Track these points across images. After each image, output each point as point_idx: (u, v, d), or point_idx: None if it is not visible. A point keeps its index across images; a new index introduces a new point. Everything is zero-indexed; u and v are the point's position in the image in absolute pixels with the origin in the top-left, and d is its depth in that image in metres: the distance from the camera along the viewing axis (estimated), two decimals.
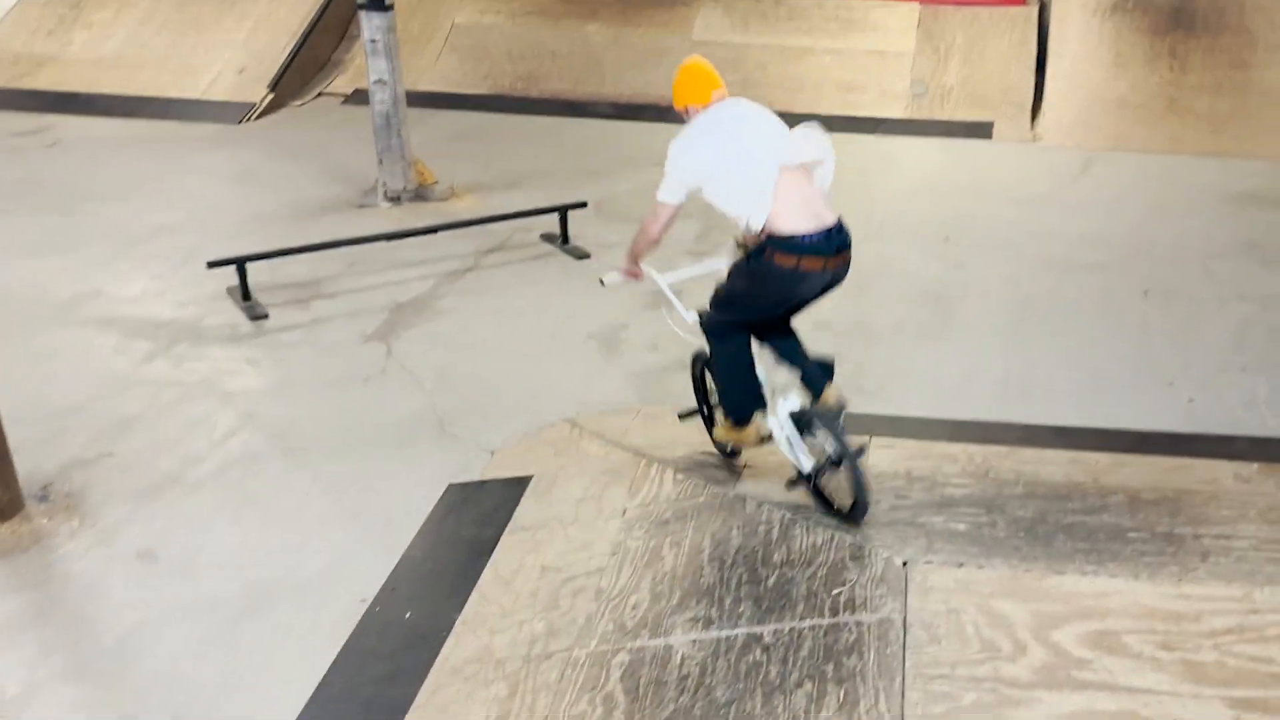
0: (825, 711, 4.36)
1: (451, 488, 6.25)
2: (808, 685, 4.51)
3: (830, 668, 4.58)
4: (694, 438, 6.50)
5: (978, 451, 6.24)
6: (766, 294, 5.21)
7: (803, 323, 6.03)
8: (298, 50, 13.61)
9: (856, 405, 6.91)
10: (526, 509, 5.95)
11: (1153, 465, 6.13)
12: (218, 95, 13.13)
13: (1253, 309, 8.39)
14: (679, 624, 4.97)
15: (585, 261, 9.21)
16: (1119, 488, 5.83)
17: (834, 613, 4.88)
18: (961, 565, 5.11)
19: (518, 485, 6.17)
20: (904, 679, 4.47)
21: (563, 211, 9.50)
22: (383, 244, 9.17)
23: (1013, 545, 5.30)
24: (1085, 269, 9.12)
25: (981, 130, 12.33)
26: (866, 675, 4.52)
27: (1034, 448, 6.31)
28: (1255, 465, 5.87)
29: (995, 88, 12.90)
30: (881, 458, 6.19)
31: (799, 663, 4.63)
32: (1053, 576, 5.03)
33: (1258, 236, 9.71)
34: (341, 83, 13.78)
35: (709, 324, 5.56)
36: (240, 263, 8.47)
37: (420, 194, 10.54)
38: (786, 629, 4.84)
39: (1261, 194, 10.68)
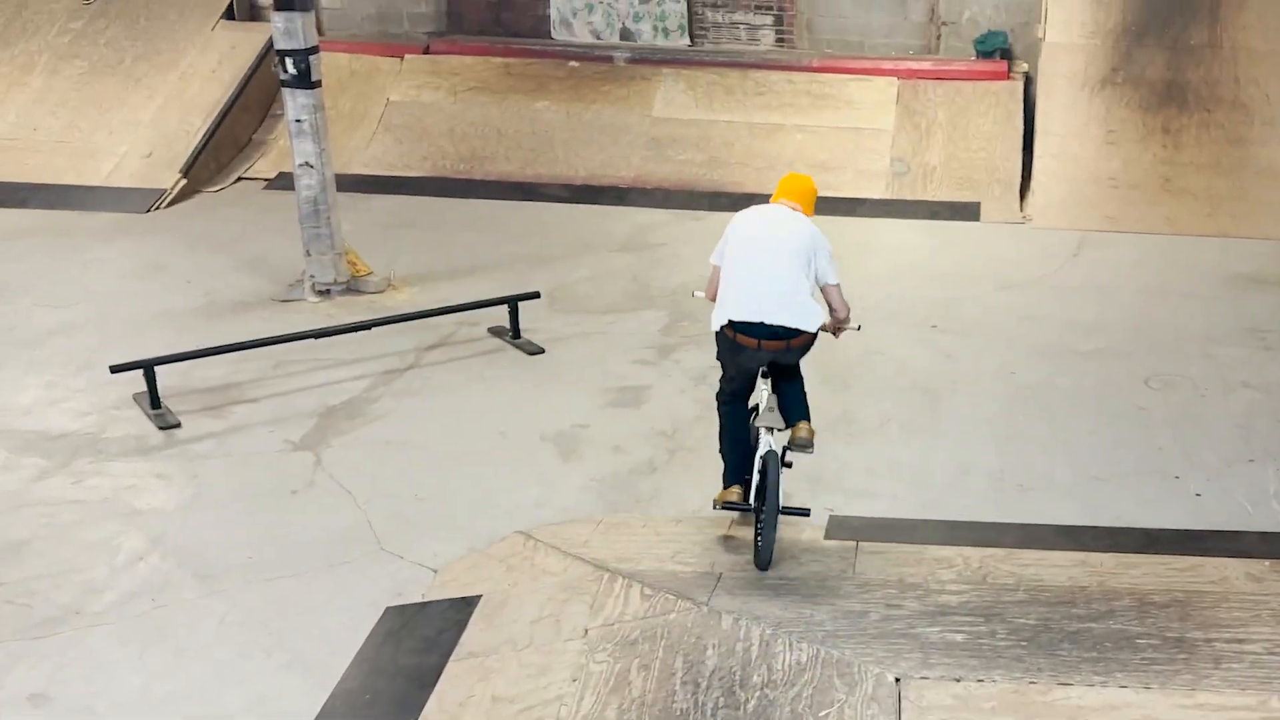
0: None
1: (390, 611, 6.33)
2: None
3: None
4: (663, 548, 6.64)
5: (974, 555, 6.42)
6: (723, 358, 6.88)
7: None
8: (213, 131, 13.83)
9: (842, 508, 7.13)
10: (474, 633, 6.04)
11: (1160, 565, 6.35)
12: (122, 181, 13.29)
13: (1258, 396, 8.69)
14: None
15: (539, 357, 9.40)
16: (1126, 591, 6.02)
17: None
18: (960, 680, 5.27)
19: (464, 606, 6.27)
20: None
21: (513, 303, 9.70)
22: (311, 342, 9.31)
23: (1014, 656, 5.46)
24: (1081, 356, 9.40)
25: (968, 211, 12.72)
26: None
27: (1034, 549, 6.51)
28: (1266, 563, 6.09)
29: (981, 166, 13.30)
30: (870, 564, 6.36)
31: None
32: (1058, 689, 5.19)
33: (1261, 320, 10.06)
34: (263, 166, 13.99)
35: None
36: (148, 366, 8.55)
37: (353, 287, 10.70)
38: None
39: (1263, 275, 11.08)
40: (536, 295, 9.91)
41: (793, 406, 6.68)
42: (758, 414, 6.66)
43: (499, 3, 15.61)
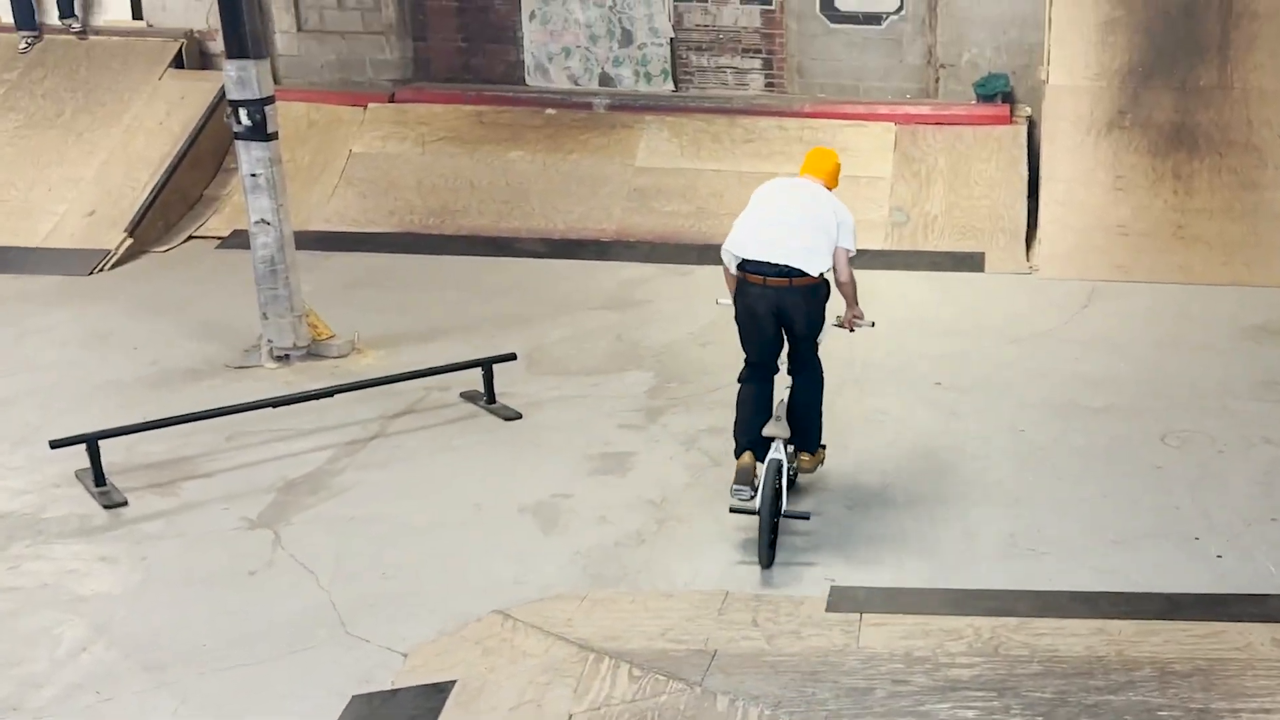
0: None
1: (356, 700, 6.36)
2: None
3: None
4: (652, 624, 6.73)
5: (985, 625, 6.52)
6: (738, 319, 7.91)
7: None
8: (161, 187, 13.97)
9: (844, 577, 7.23)
10: None
11: (1181, 632, 6.47)
12: (62, 242, 13.40)
13: (1279, 454, 8.89)
14: None
15: (516, 423, 9.51)
16: (1146, 660, 6.13)
17: None
18: None
19: (437, 693, 6.31)
20: None
21: (487, 365, 9.81)
22: (268, 412, 9.35)
23: None
24: (1094, 413, 9.58)
25: (971, 261, 12.97)
26: None
27: (1048, 618, 6.62)
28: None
29: (984, 214, 13.57)
30: (875, 637, 6.46)
31: None
32: None
33: (1279, 373, 10.30)
34: (216, 224, 14.14)
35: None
36: (91, 440, 8.57)
37: (314, 351, 10.81)
38: None
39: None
40: (513, 357, 10.02)
41: (803, 417, 7.88)
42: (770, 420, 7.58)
43: (469, 48, 15.84)
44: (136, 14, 15.87)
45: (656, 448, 9.07)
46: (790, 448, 7.65)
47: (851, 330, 8.21)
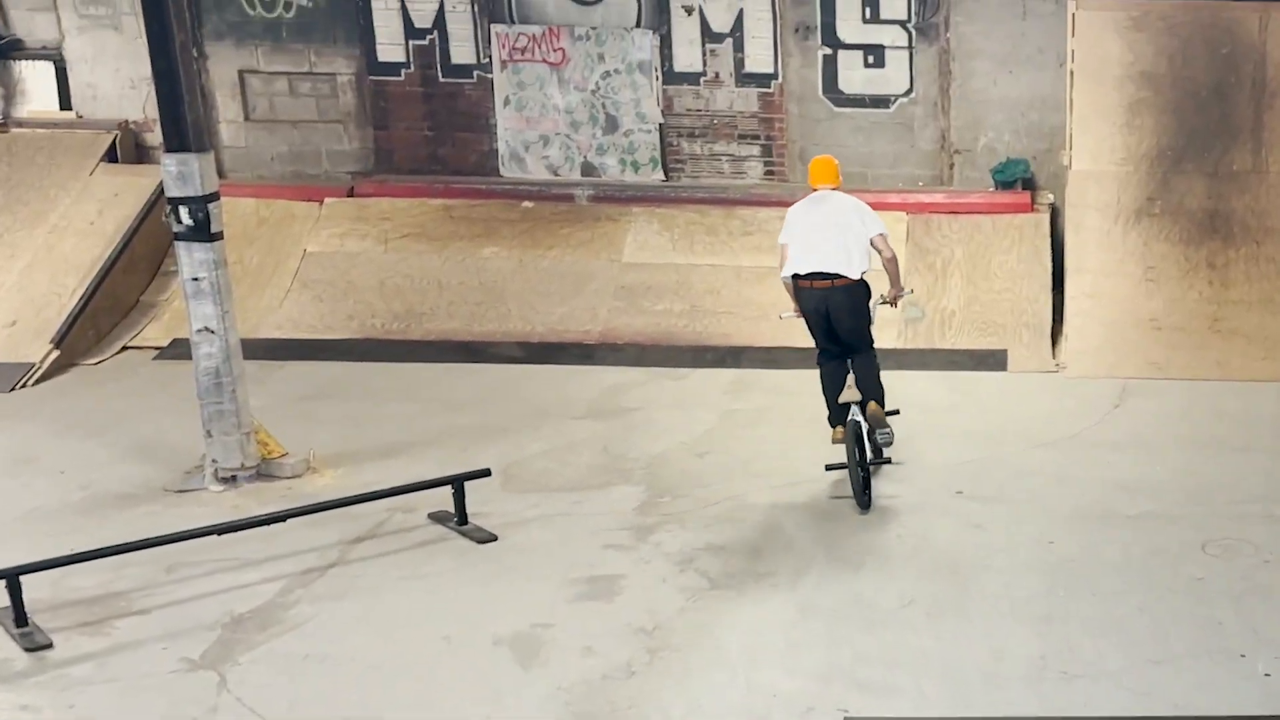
0: None
1: None
2: None
3: None
4: None
5: None
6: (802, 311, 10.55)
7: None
8: (91, 293, 14.14)
9: (860, 707, 7.32)
10: None
11: None
12: None
13: None
14: None
15: (490, 546, 9.62)
16: None
17: None
18: None
19: None
20: None
21: (458, 483, 9.92)
22: (212, 540, 9.41)
23: None
24: (1128, 521, 9.77)
25: (993, 360, 13.26)
26: None
27: None
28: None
29: (1006, 309, 13.86)
30: None
31: None
32: None
33: None
34: (153, 333, 14.30)
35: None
36: (10, 576, 8.57)
37: (264, 471, 10.90)
38: None
39: None
40: (486, 473, 10.16)
41: (865, 383, 10.39)
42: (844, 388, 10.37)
43: (436, 136, 16.19)
44: (65, 104, 16.27)
45: (647, 569, 9.18)
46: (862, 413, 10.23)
47: (894, 305, 11.05)
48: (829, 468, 10.29)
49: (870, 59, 15.51)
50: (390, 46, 15.93)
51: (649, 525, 9.87)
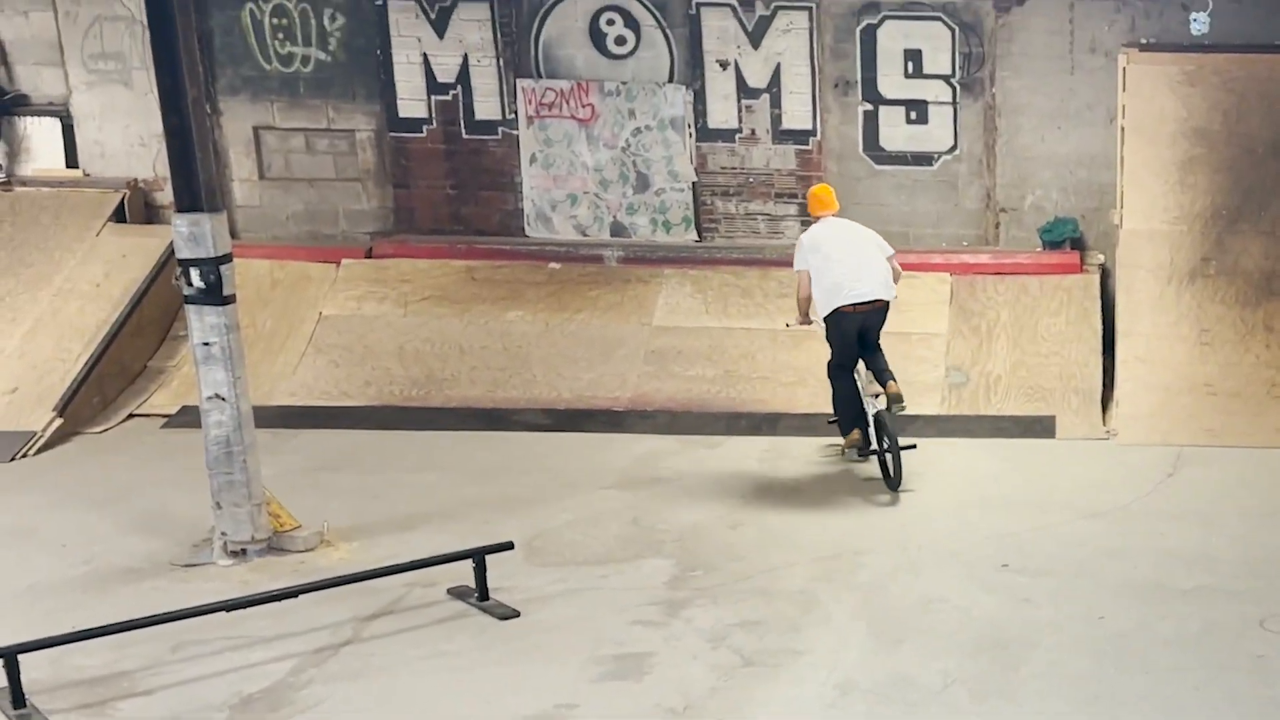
0: None
1: None
2: None
3: None
4: None
5: None
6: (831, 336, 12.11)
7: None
8: (97, 359, 14.11)
9: None
10: None
11: None
12: None
13: None
14: None
15: (512, 622, 9.49)
16: None
17: None
18: None
19: None
20: None
21: (479, 556, 9.83)
22: (221, 617, 9.31)
23: None
24: (1183, 596, 9.66)
25: (1040, 426, 13.21)
26: None
27: None
28: None
29: (1054, 374, 13.84)
30: None
31: None
32: None
33: None
34: (161, 400, 14.27)
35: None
36: (8, 655, 8.48)
37: (275, 545, 10.81)
38: None
39: None
40: (509, 546, 10.08)
41: (881, 370, 12.01)
42: (860, 384, 12.10)
43: (459, 195, 16.19)
44: (71, 162, 16.30)
45: (678, 647, 9.04)
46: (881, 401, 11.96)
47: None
48: (858, 451, 12.02)
49: (913, 115, 15.54)
50: (412, 102, 15.94)
51: (680, 600, 9.75)
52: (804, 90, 15.54)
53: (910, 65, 15.34)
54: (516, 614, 9.58)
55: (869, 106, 15.27)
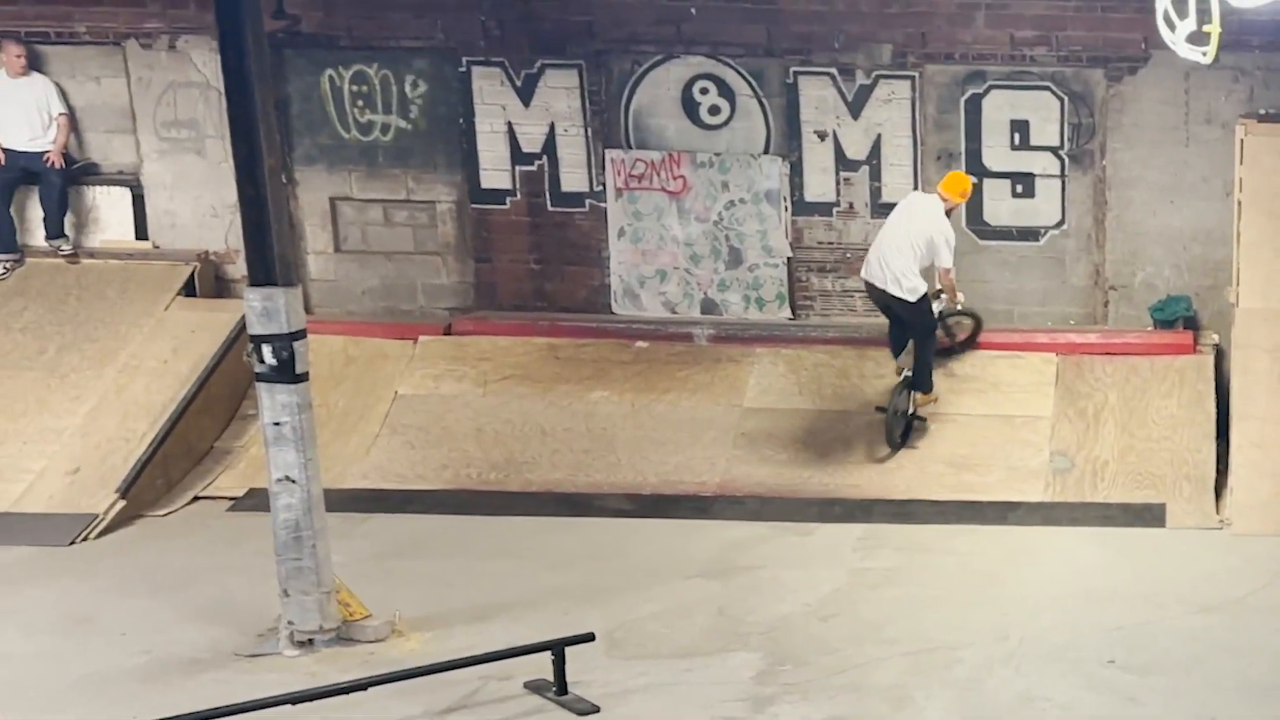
0: None
1: None
2: None
3: None
4: None
5: None
6: None
7: None
8: (163, 439, 14.14)
9: None
10: None
11: None
12: (39, 506, 13.46)
13: None
14: None
15: (592, 717, 9.41)
16: None
17: None
18: None
19: None
20: None
21: (558, 649, 9.74)
22: (287, 710, 9.24)
23: None
24: None
25: (1150, 515, 13.13)
26: None
27: None
28: None
29: (1164, 459, 13.74)
30: None
31: None
32: None
33: None
34: (228, 482, 14.30)
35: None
36: None
37: (344, 635, 10.77)
38: None
39: None
40: (590, 638, 9.99)
41: (917, 370, 13.83)
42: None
43: (543, 270, 16.29)
44: (140, 233, 16.46)
45: None
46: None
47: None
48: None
49: (1019, 188, 15.59)
50: (495, 173, 16.07)
51: (768, 696, 9.65)
52: (905, 162, 15.61)
53: (1017, 136, 15.42)
54: (596, 709, 9.49)
55: (974, 179, 15.18)
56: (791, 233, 15.82)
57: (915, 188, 15.23)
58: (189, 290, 15.79)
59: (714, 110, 15.76)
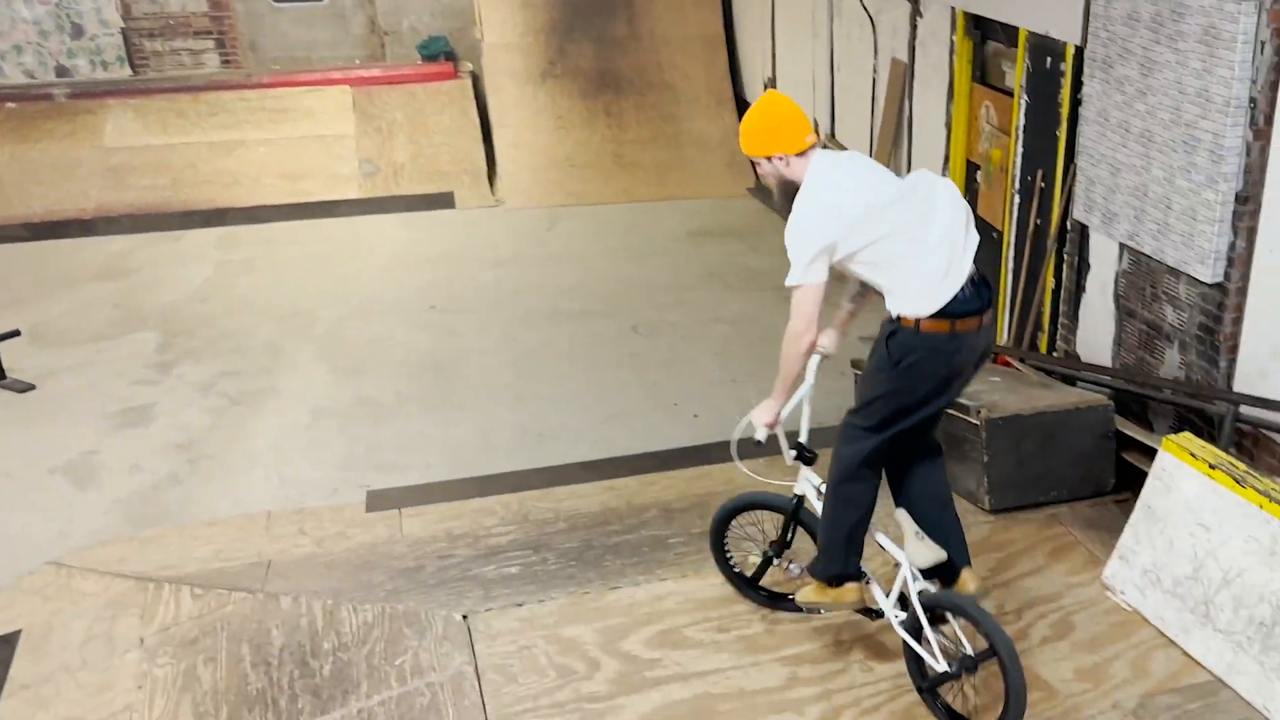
0: None
1: None
2: None
3: None
4: (204, 549, 6.61)
5: (512, 500, 6.88)
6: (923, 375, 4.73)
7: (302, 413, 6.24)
8: None
9: (379, 482, 7.37)
10: (22, 667, 5.80)
11: (676, 478, 7.11)
12: None
13: (729, 329, 9.83)
14: None
15: (30, 394, 8.95)
16: (651, 504, 6.71)
17: (401, 681, 5.26)
18: (522, 604, 5.69)
19: (4, 645, 6.00)
20: None
21: None
22: None
23: (567, 575, 5.95)
24: (572, 317, 10.20)
25: (443, 200, 13.50)
26: None
27: (565, 485, 7.06)
28: (762, 460, 6.98)
29: (447, 159, 14.12)
30: (416, 526, 6.66)
31: None
32: (610, 593, 5.73)
33: (717, 266, 11.36)
34: None
35: (844, 448, 4.95)
36: None
37: None
38: (355, 710, 5.15)
39: (710, 229, 12.50)
40: (16, 333, 9.47)
41: (956, 540, 5.06)
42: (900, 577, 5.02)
43: None
44: None
45: (175, 396, 8.80)
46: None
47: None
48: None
49: None
50: None
51: (170, 361, 9.46)
52: None
53: None
54: (32, 386, 9.03)
55: None
56: (120, 7, 14.99)
57: None
58: None
59: None
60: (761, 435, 5.02)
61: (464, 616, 5.63)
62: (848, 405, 5.03)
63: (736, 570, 5.68)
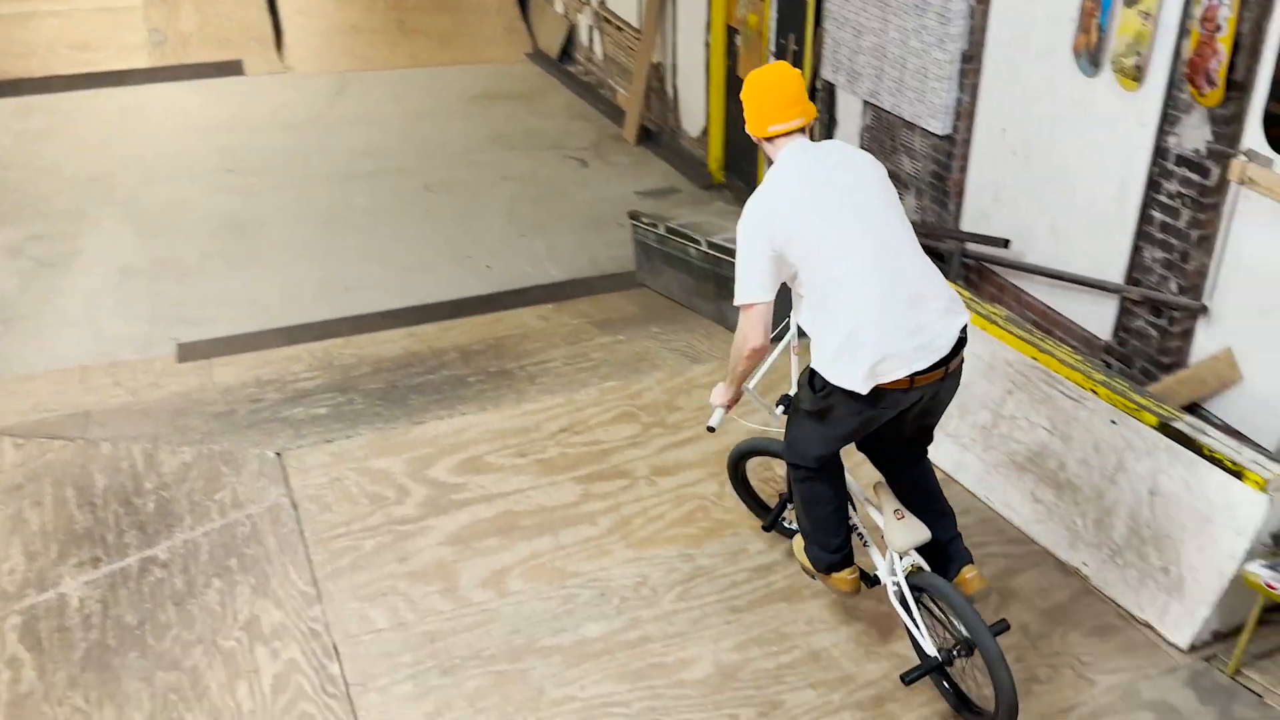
0: (241, 599, 5.04)
1: None
2: (217, 583, 5.15)
3: (234, 561, 5.25)
4: (21, 403, 6.70)
5: (318, 348, 7.17)
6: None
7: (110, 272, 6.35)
8: None
9: (187, 337, 7.51)
10: None
11: (472, 324, 7.52)
12: None
13: (516, 186, 10.14)
14: (65, 572, 5.36)
15: None
16: (450, 348, 7.09)
17: (223, 514, 5.55)
18: (332, 441, 6.01)
19: None
20: (307, 548, 5.28)
21: None
22: None
23: (374, 413, 6.29)
24: (367, 176, 10.33)
25: (232, 68, 13.29)
26: (271, 556, 5.26)
27: (368, 333, 7.37)
28: (550, 305, 7.43)
29: (234, 27, 13.84)
30: (227, 374, 6.88)
31: (201, 566, 5.25)
32: (415, 428, 6.09)
33: (502, 128, 11.59)
34: None
35: (791, 441, 4.39)
36: None
37: None
38: (180, 542, 5.43)
39: (493, 92, 12.67)
40: None
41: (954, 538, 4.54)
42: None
43: None
44: None
45: None
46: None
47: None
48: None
49: None
50: None
51: None
52: None
53: None
54: None
55: None
56: None
57: None
58: None
59: None
60: (715, 420, 4.47)
61: (278, 454, 5.92)
62: None
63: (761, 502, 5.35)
